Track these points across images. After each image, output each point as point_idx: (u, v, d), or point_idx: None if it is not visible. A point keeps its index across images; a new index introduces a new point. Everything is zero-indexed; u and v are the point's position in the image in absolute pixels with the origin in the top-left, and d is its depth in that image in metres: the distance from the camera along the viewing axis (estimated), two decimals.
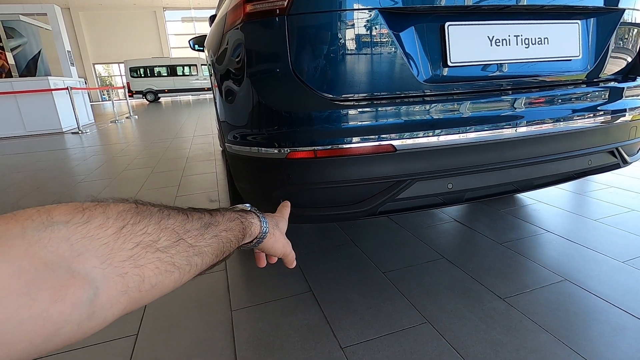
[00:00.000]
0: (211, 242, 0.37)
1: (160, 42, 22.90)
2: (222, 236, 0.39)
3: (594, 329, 0.97)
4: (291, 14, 0.89)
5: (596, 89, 1.16)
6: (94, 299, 0.24)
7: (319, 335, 1.02)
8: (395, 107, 0.96)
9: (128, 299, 0.28)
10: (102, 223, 0.27)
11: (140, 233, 0.29)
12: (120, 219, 0.28)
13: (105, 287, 0.25)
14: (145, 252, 0.29)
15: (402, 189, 0.99)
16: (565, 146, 1.11)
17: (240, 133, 1.07)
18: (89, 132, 6.44)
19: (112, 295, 0.26)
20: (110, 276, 0.26)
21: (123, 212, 0.29)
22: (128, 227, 0.28)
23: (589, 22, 1.12)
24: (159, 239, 0.31)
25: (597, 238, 1.45)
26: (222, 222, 0.40)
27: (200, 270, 0.36)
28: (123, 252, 0.27)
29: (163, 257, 0.30)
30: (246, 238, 0.45)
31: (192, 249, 0.34)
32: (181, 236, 0.33)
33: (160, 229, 0.31)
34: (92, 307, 0.24)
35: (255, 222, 0.46)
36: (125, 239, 0.28)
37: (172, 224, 0.33)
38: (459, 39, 0.98)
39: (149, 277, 0.29)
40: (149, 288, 0.29)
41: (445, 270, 1.30)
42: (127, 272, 0.27)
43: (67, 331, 0.23)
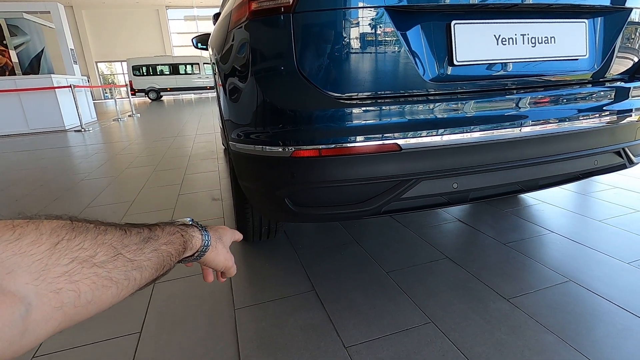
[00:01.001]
0: (150, 256, 0.36)
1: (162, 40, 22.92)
2: (162, 250, 0.38)
3: (599, 330, 0.96)
4: (297, 11, 0.88)
5: (602, 88, 1.15)
6: (26, 316, 0.24)
7: (322, 335, 1.02)
8: (401, 106, 0.96)
9: (63, 315, 0.27)
10: (35, 239, 0.26)
11: (76, 249, 0.29)
12: (54, 235, 0.28)
13: (38, 303, 0.25)
14: (81, 268, 0.28)
15: (406, 188, 0.98)
16: (571, 146, 1.10)
17: (244, 131, 1.06)
18: (91, 130, 6.45)
19: (46, 311, 0.26)
20: (43, 292, 0.25)
21: (57, 228, 0.29)
22: (63, 242, 0.28)
23: (596, 21, 1.11)
24: (96, 254, 0.30)
25: (602, 239, 1.44)
26: (162, 236, 0.40)
27: (140, 285, 0.35)
28: (58, 267, 0.26)
29: (100, 272, 0.30)
30: (187, 251, 0.44)
31: (130, 263, 0.33)
32: (119, 251, 0.32)
33: (97, 244, 0.31)
34: (25, 324, 0.24)
35: (196, 235, 0.46)
36: (60, 254, 0.27)
37: (109, 239, 0.32)
38: (465, 37, 0.97)
39: (85, 292, 0.28)
40: (85, 303, 0.29)
41: (448, 270, 1.29)
42: (61, 288, 0.26)
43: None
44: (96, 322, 1.13)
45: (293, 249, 1.53)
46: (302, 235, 1.66)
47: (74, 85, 6.50)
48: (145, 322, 1.11)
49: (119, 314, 1.16)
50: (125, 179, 2.89)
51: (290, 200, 1.02)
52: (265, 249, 1.53)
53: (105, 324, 1.12)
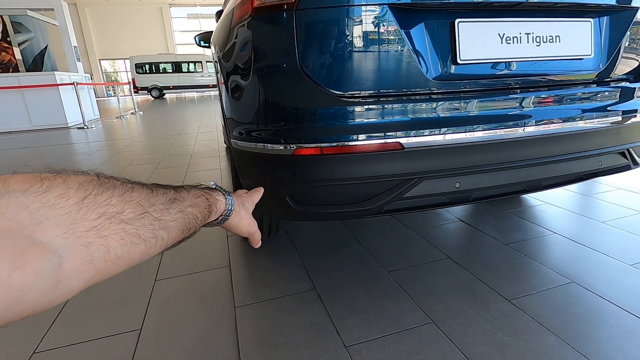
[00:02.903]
0: (177, 217, 0.36)
1: (165, 38, 22.94)
2: (188, 212, 0.38)
3: (602, 332, 0.96)
4: (299, 8, 0.88)
5: (607, 88, 1.14)
6: (58, 267, 0.24)
7: (322, 334, 1.02)
8: (404, 104, 0.95)
9: (94, 269, 0.27)
10: (63, 193, 0.26)
11: (103, 204, 0.28)
12: (82, 189, 0.28)
13: (69, 256, 0.25)
14: (109, 223, 0.28)
15: (408, 187, 0.98)
16: (575, 147, 1.09)
17: (246, 129, 1.06)
18: (94, 127, 6.47)
19: (77, 264, 0.26)
20: (73, 245, 0.25)
21: (85, 182, 0.28)
22: (90, 197, 0.28)
23: (602, 20, 1.10)
24: (124, 211, 0.30)
25: (605, 240, 1.43)
26: (188, 198, 0.40)
27: (167, 245, 0.36)
28: (86, 222, 0.27)
29: (128, 228, 0.30)
30: (212, 215, 0.45)
31: (157, 222, 0.33)
32: (146, 209, 0.32)
33: (124, 201, 0.31)
34: (57, 276, 0.24)
35: (220, 199, 0.47)
36: (88, 209, 0.27)
37: (136, 197, 0.32)
38: (469, 36, 0.96)
39: (114, 247, 0.28)
40: (114, 259, 0.29)
41: (450, 270, 1.29)
42: (91, 242, 0.27)
43: (30, 299, 0.23)
44: (96, 318, 1.13)
45: (294, 247, 1.53)
46: (303, 233, 1.66)
47: (77, 83, 6.51)
48: (146, 319, 1.11)
49: (119, 310, 1.16)
50: (127, 176, 2.88)
51: (292, 198, 1.01)
52: (266, 248, 1.53)
53: (105, 320, 1.12)
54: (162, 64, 17.22)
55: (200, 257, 1.48)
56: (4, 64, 7.52)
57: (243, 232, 0.52)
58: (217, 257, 1.47)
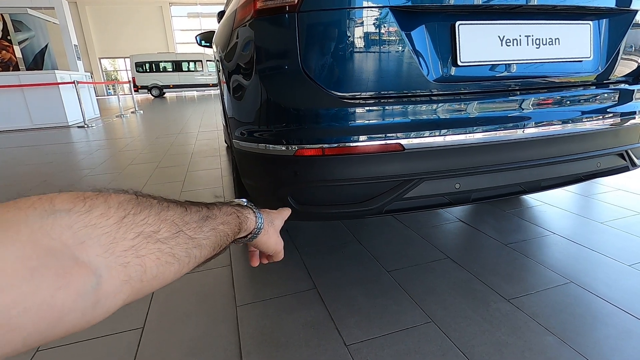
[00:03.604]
0: (209, 235, 0.37)
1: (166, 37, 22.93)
2: (220, 229, 0.39)
3: (600, 332, 0.97)
4: (302, 10, 0.89)
5: (606, 90, 1.15)
6: (97, 287, 0.24)
7: (323, 333, 1.03)
8: (404, 106, 0.96)
9: (130, 289, 0.28)
10: (104, 212, 0.27)
11: (141, 223, 0.29)
12: (121, 208, 0.28)
13: (108, 276, 0.25)
14: (146, 243, 0.29)
15: (409, 188, 0.98)
16: (575, 148, 1.10)
17: (247, 129, 1.07)
18: (94, 126, 6.47)
19: (115, 284, 0.26)
20: (112, 265, 0.26)
21: (124, 202, 0.29)
22: (129, 217, 0.28)
23: (601, 23, 1.11)
24: (160, 230, 0.30)
25: (604, 241, 1.44)
26: (220, 215, 0.40)
27: (198, 263, 0.36)
28: (125, 241, 0.27)
29: (163, 248, 0.30)
30: (241, 232, 0.45)
31: (191, 241, 0.34)
32: (180, 228, 0.33)
33: (160, 220, 0.31)
34: (96, 296, 0.24)
35: (250, 217, 0.47)
36: (127, 228, 0.28)
37: (171, 216, 0.33)
38: (470, 38, 0.97)
39: (150, 267, 0.29)
40: (150, 278, 0.29)
41: (450, 270, 1.30)
42: (129, 262, 0.27)
43: (71, 319, 0.23)
44: None
45: (295, 247, 1.54)
46: (304, 233, 1.67)
47: (77, 82, 6.51)
48: (148, 318, 1.12)
49: (121, 309, 1.16)
50: (128, 176, 2.90)
51: (293, 198, 1.02)
52: None
53: (107, 319, 1.12)
54: (163, 63, 17.22)
55: None
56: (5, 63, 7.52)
57: (269, 250, 0.52)
58: (218, 256, 1.47)
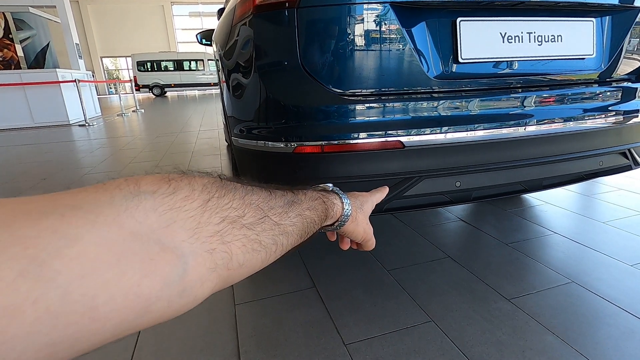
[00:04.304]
0: (295, 221, 0.34)
1: (167, 36, 22.96)
2: (306, 215, 0.36)
3: (602, 332, 0.96)
4: (301, 6, 0.88)
5: (609, 88, 1.14)
6: (184, 275, 0.23)
7: (322, 332, 1.02)
8: (404, 103, 0.95)
9: (217, 277, 0.26)
10: (188, 195, 0.25)
11: (226, 207, 0.27)
12: (205, 191, 0.27)
13: (194, 263, 0.24)
14: (231, 228, 0.27)
15: (409, 186, 0.98)
16: (577, 146, 1.09)
17: (247, 127, 1.06)
18: (95, 124, 6.47)
19: (202, 272, 0.24)
20: (198, 252, 0.24)
21: (208, 184, 0.27)
22: (214, 200, 0.27)
23: (604, 20, 1.10)
24: (245, 215, 0.29)
25: (606, 241, 1.43)
26: (305, 200, 0.37)
27: (285, 251, 0.34)
28: (210, 226, 0.25)
29: (249, 234, 0.28)
30: (328, 220, 0.42)
31: (277, 227, 0.32)
32: (266, 213, 0.31)
33: (245, 204, 0.29)
34: (183, 284, 0.23)
35: (337, 202, 0.43)
36: (212, 212, 0.26)
37: (256, 200, 0.31)
38: (471, 35, 0.96)
39: (236, 254, 0.27)
40: (237, 267, 0.27)
41: (450, 270, 1.29)
42: (214, 249, 0.25)
43: (158, 308, 0.22)
44: None
45: None
46: None
47: (78, 80, 6.52)
48: None
49: None
50: (128, 174, 2.84)
51: None
52: None
53: None
54: (164, 62, 17.25)
55: None
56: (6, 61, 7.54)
57: (358, 239, 0.49)
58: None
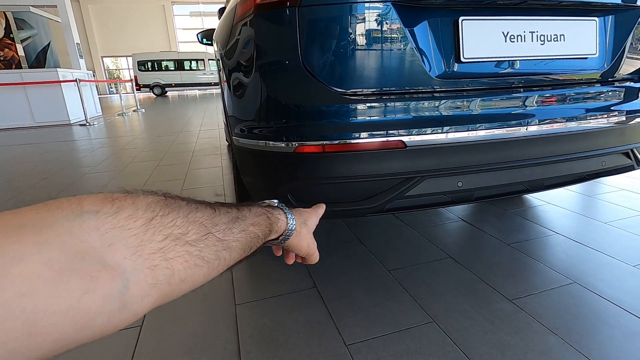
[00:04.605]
0: (239, 236, 0.36)
1: (168, 36, 22.97)
2: (250, 231, 0.38)
3: (604, 333, 0.95)
4: (302, 5, 0.87)
5: (611, 88, 1.13)
6: (125, 291, 0.24)
7: (323, 332, 1.01)
8: (406, 102, 0.95)
9: (158, 293, 0.27)
10: (132, 214, 0.26)
11: (169, 225, 0.28)
12: (149, 210, 0.28)
13: (135, 279, 0.25)
14: (174, 245, 0.28)
15: (411, 186, 0.97)
16: (579, 146, 1.09)
17: (248, 126, 1.06)
18: (96, 124, 6.48)
19: (143, 288, 0.25)
20: (140, 268, 0.25)
21: (152, 203, 0.29)
22: (157, 218, 0.28)
23: (607, 19, 1.09)
24: (188, 232, 0.30)
25: (608, 241, 1.42)
26: (250, 216, 0.39)
27: (228, 266, 0.35)
28: (153, 244, 0.26)
29: (192, 250, 0.30)
30: (272, 234, 0.44)
31: (220, 243, 0.33)
32: (209, 230, 0.32)
33: (188, 222, 0.30)
34: (123, 300, 0.24)
35: (282, 218, 0.46)
36: (155, 230, 0.27)
37: (200, 218, 0.32)
38: (473, 34, 0.96)
39: (178, 270, 0.28)
40: (178, 282, 0.28)
41: (451, 270, 1.28)
42: (157, 265, 0.26)
43: (98, 323, 0.23)
44: None
45: None
46: None
47: (79, 80, 6.52)
48: (146, 316, 1.11)
49: None
50: (129, 173, 2.90)
51: (293, 196, 1.01)
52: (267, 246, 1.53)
53: None
54: (165, 62, 17.25)
55: None
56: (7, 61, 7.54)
57: (301, 253, 0.51)
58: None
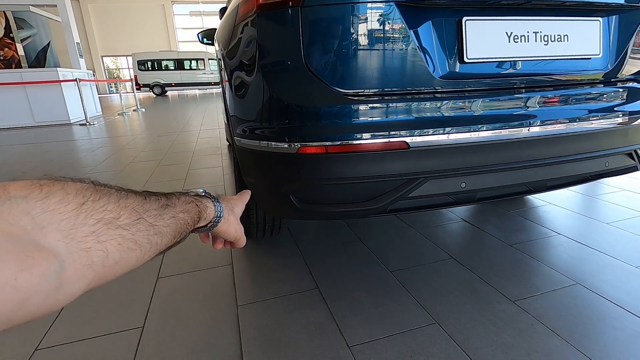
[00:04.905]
0: (169, 222, 0.37)
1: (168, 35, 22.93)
2: (179, 217, 0.40)
3: (607, 334, 0.95)
4: (305, 5, 0.87)
5: (615, 89, 1.13)
6: (60, 271, 0.25)
7: (325, 333, 1.01)
8: (409, 103, 0.94)
9: (93, 274, 0.28)
10: (62, 199, 0.27)
11: (101, 210, 0.29)
12: (80, 195, 0.28)
13: (70, 260, 0.26)
14: (107, 229, 0.29)
15: (413, 187, 0.97)
16: (582, 147, 1.08)
17: (249, 127, 1.05)
18: (96, 124, 6.47)
19: (78, 269, 0.26)
20: (74, 250, 0.26)
21: (82, 189, 0.29)
22: (88, 203, 0.29)
23: (611, 20, 1.08)
24: (120, 217, 0.31)
25: (610, 242, 1.42)
26: (179, 204, 0.41)
27: (159, 250, 0.36)
28: (85, 227, 0.27)
29: (125, 234, 0.31)
30: (201, 221, 0.46)
31: (152, 228, 0.34)
32: (141, 215, 0.33)
33: (120, 207, 0.31)
34: (59, 280, 0.25)
35: (210, 206, 0.48)
36: (87, 214, 0.28)
37: (131, 203, 0.33)
38: (477, 34, 0.95)
39: (112, 252, 0.29)
40: (112, 264, 0.30)
41: (454, 271, 1.28)
42: (90, 247, 0.27)
43: (35, 301, 0.23)
44: (99, 315, 1.12)
45: (297, 246, 1.52)
46: (306, 233, 1.65)
47: (79, 79, 6.51)
48: (148, 317, 1.11)
49: (121, 308, 1.16)
50: (129, 173, 2.89)
51: (295, 197, 1.00)
52: (268, 246, 1.53)
53: (107, 318, 1.11)
54: (165, 61, 17.22)
55: (203, 255, 1.47)
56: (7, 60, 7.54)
57: (230, 238, 0.53)
58: (219, 255, 1.46)
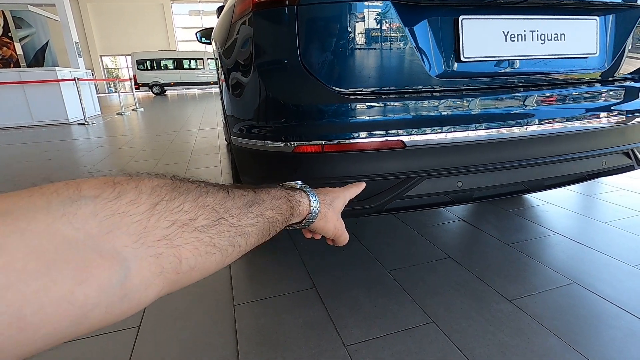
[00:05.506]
0: (255, 221, 0.34)
1: (167, 35, 22.91)
2: (268, 215, 0.36)
3: (604, 334, 0.95)
4: (301, 4, 0.87)
5: (612, 88, 1.13)
6: (125, 281, 0.22)
7: (322, 333, 1.01)
8: (406, 102, 0.94)
9: (164, 281, 0.25)
10: (134, 199, 0.25)
11: (175, 210, 0.27)
12: (154, 195, 0.26)
13: (137, 267, 0.23)
14: (182, 232, 0.26)
15: (410, 186, 0.97)
16: (579, 146, 1.08)
17: (246, 126, 1.05)
18: (95, 123, 6.46)
19: (146, 276, 0.24)
20: (143, 256, 0.24)
21: (157, 187, 0.27)
22: (162, 203, 0.26)
23: (608, 18, 1.08)
24: (197, 218, 0.28)
25: (607, 241, 1.42)
26: (268, 200, 0.37)
27: (244, 251, 0.34)
28: (157, 230, 0.25)
29: (202, 237, 0.28)
30: (294, 218, 0.42)
31: (234, 228, 0.31)
32: (221, 215, 0.31)
33: (197, 206, 0.29)
34: (124, 290, 0.22)
35: (304, 200, 0.44)
36: (160, 216, 0.25)
37: (211, 202, 0.30)
38: (473, 33, 0.95)
39: (187, 258, 0.27)
40: (187, 270, 0.27)
41: (451, 270, 1.28)
42: (162, 253, 0.25)
43: (96, 314, 0.21)
44: None
45: (294, 245, 1.52)
46: None
47: (78, 79, 6.50)
48: (144, 317, 1.11)
49: None
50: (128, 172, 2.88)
51: None
52: (265, 245, 1.52)
53: None
54: (164, 61, 17.22)
55: None
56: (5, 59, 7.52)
57: (329, 235, 0.49)
58: None
